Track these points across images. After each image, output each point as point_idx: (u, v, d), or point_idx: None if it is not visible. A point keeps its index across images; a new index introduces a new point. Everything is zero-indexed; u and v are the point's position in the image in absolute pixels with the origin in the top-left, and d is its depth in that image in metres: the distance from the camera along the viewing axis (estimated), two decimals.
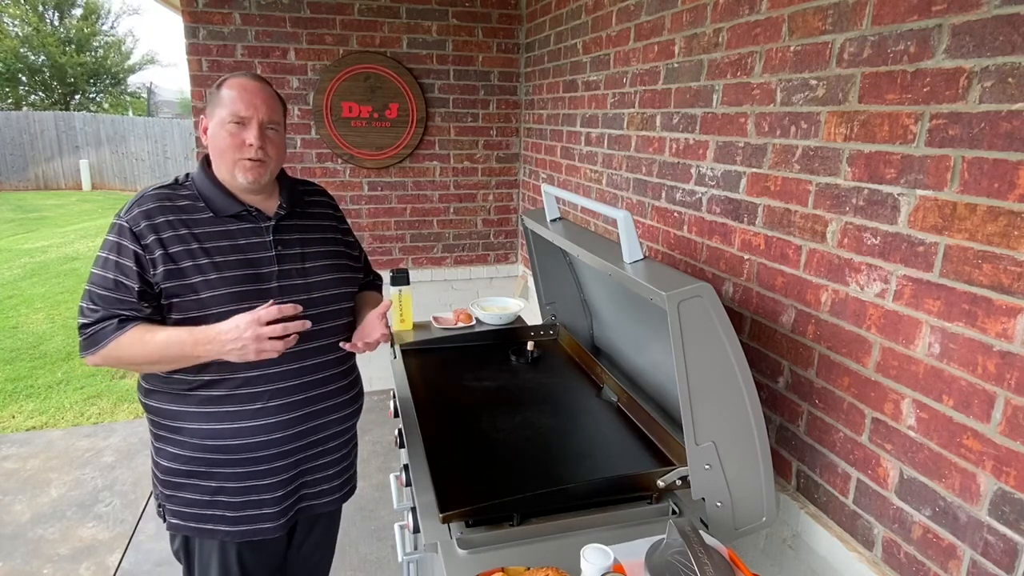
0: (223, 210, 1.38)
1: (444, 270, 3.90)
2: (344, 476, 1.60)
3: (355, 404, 1.59)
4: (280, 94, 1.45)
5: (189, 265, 1.32)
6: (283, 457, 1.43)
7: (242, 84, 1.37)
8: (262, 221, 1.42)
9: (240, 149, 1.35)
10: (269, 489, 1.43)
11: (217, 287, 1.32)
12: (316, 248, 1.49)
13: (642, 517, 1.34)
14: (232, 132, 1.35)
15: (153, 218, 1.32)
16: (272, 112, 1.39)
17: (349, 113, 3.48)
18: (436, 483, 1.35)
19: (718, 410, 1.23)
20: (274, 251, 1.41)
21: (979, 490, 1.11)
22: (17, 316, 5.70)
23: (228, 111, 1.34)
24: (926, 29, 1.15)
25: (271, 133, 1.39)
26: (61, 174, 14.08)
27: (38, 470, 3.12)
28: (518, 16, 3.61)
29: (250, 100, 1.35)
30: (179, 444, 1.39)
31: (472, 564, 1.18)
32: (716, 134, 1.79)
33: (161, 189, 1.38)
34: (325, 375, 1.47)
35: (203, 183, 1.40)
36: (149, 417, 1.43)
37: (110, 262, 1.31)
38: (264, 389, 1.38)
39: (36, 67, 18.09)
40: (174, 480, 1.41)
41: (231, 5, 3.22)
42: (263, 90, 1.38)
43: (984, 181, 1.07)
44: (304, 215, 1.51)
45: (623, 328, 1.91)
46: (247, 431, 1.38)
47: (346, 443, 1.59)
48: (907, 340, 1.24)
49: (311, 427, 1.46)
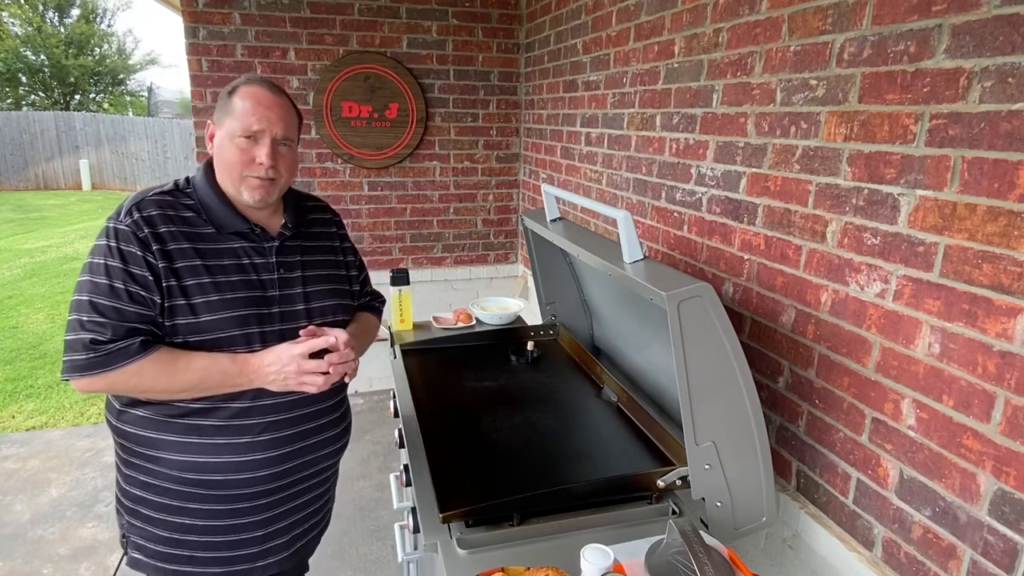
0: (226, 227, 1.29)
1: (444, 270, 3.90)
2: (323, 512, 1.53)
3: (344, 438, 1.50)
4: (297, 106, 1.36)
5: (192, 283, 1.22)
6: (268, 495, 1.33)
7: (257, 95, 1.25)
8: (266, 241, 1.33)
9: (249, 166, 1.25)
10: (249, 528, 1.33)
11: (218, 309, 1.23)
12: (317, 271, 1.41)
13: (642, 517, 1.34)
14: (242, 147, 1.25)
15: (156, 226, 1.21)
16: (288, 128, 1.28)
17: (349, 113, 3.48)
18: (436, 483, 1.35)
19: (718, 410, 1.22)
20: (276, 273, 1.33)
21: (979, 490, 1.11)
22: (17, 316, 5.70)
23: (240, 124, 1.24)
24: (926, 29, 1.15)
25: (284, 150, 1.29)
26: (61, 174, 14.08)
27: (38, 470, 3.12)
28: (518, 16, 3.61)
29: (264, 114, 1.24)
30: (152, 473, 1.27)
31: (472, 564, 1.18)
32: (716, 134, 1.79)
33: (162, 195, 1.26)
34: (318, 408, 1.38)
35: (206, 193, 1.29)
36: (118, 440, 1.31)
37: (116, 270, 1.18)
38: (257, 421, 1.28)
39: (36, 67, 18.09)
40: (142, 511, 1.30)
41: (231, 5, 3.22)
42: (280, 103, 1.27)
43: (984, 181, 1.07)
44: (307, 235, 1.43)
45: (623, 328, 1.91)
46: (233, 466, 1.27)
47: (328, 479, 1.50)
48: (907, 340, 1.24)
49: (300, 463, 1.36)
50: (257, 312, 1.28)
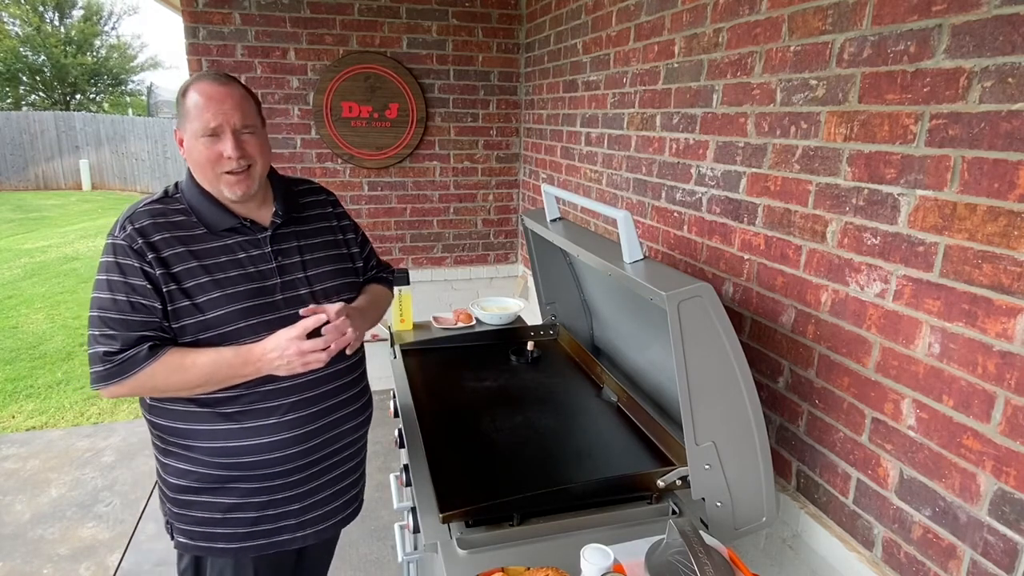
0: (217, 225, 1.33)
1: (444, 270, 3.90)
2: (357, 487, 1.58)
3: (367, 411, 1.57)
4: (250, 88, 1.35)
5: (192, 285, 1.27)
6: (300, 471, 1.39)
7: (206, 91, 1.26)
8: (259, 232, 1.37)
9: (219, 162, 1.28)
10: (286, 503, 1.39)
11: (222, 305, 1.28)
12: (316, 254, 1.45)
13: (642, 517, 1.34)
14: (207, 145, 1.27)
15: (149, 236, 1.26)
16: (245, 115, 1.29)
17: (349, 113, 3.48)
18: (436, 483, 1.35)
19: (718, 410, 1.22)
20: (274, 262, 1.36)
21: (979, 490, 1.11)
22: (17, 316, 5.70)
23: (199, 123, 1.26)
24: (926, 29, 1.15)
25: (247, 137, 1.30)
26: (61, 174, 14.09)
27: (38, 470, 3.12)
28: (518, 16, 3.61)
29: (217, 108, 1.25)
30: (190, 460, 1.34)
31: (472, 564, 1.18)
32: (716, 134, 1.79)
33: (152, 205, 1.31)
34: (337, 384, 1.44)
35: (193, 195, 1.33)
36: (154, 432, 1.38)
37: (117, 283, 1.24)
38: (280, 403, 1.34)
39: (36, 67, 18.09)
40: (183, 498, 1.36)
41: (231, 5, 3.22)
42: (230, 93, 1.28)
43: (984, 181, 1.07)
44: (300, 219, 1.46)
45: (623, 328, 1.91)
46: (263, 447, 1.34)
47: (358, 451, 1.56)
48: (907, 340, 1.24)
49: (326, 439, 1.43)
50: (260, 302, 1.32)
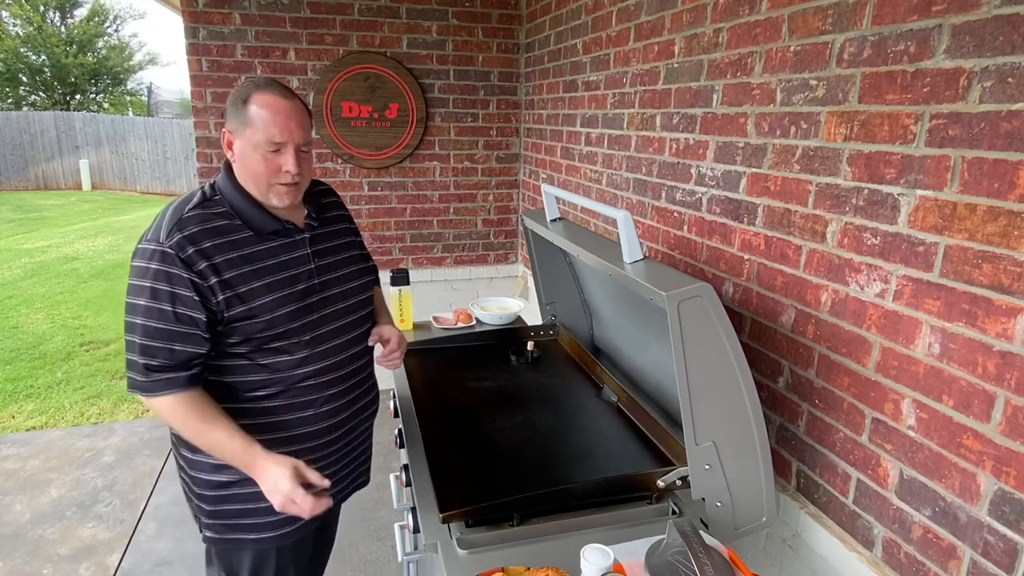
0: (263, 228, 1.34)
1: (444, 270, 3.90)
2: (368, 463, 1.69)
3: (377, 401, 1.67)
4: (307, 104, 1.37)
5: (245, 290, 1.28)
6: (327, 456, 1.46)
7: (275, 105, 1.26)
8: (298, 235, 1.40)
9: (276, 174, 1.29)
10: None
11: (274, 309, 1.31)
12: (344, 254, 1.50)
13: (642, 517, 1.34)
14: (267, 157, 1.28)
15: (200, 242, 1.24)
16: (306, 133, 1.32)
17: (349, 113, 3.48)
18: (436, 483, 1.35)
19: (718, 410, 1.23)
20: (313, 264, 1.40)
21: (979, 490, 1.11)
22: (17, 316, 5.70)
23: (262, 136, 1.26)
24: (926, 29, 1.15)
25: (304, 154, 1.33)
26: (61, 174, 14.08)
27: (38, 470, 3.12)
28: (518, 16, 3.61)
29: (284, 123, 1.26)
30: None
31: (472, 564, 1.18)
32: (716, 134, 1.79)
33: (196, 210, 1.29)
34: (360, 378, 1.53)
35: (235, 198, 1.33)
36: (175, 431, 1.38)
37: (163, 292, 1.22)
38: (318, 396, 1.40)
39: (37, 67, 18.09)
40: (216, 493, 1.38)
41: (231, 5, 3.22)
42: (296, 110, 1.29)
43: (984, 181, 1.07)
44: (326, 220, 1.50)
45: (623, 328, 1.91)
46: (299, 438, 1.39)
47: (369, 436, 1.66)
48: (907, 340, 1.24)
49: (349, 427, 1.51)
50: (305, 304, 1.36)
